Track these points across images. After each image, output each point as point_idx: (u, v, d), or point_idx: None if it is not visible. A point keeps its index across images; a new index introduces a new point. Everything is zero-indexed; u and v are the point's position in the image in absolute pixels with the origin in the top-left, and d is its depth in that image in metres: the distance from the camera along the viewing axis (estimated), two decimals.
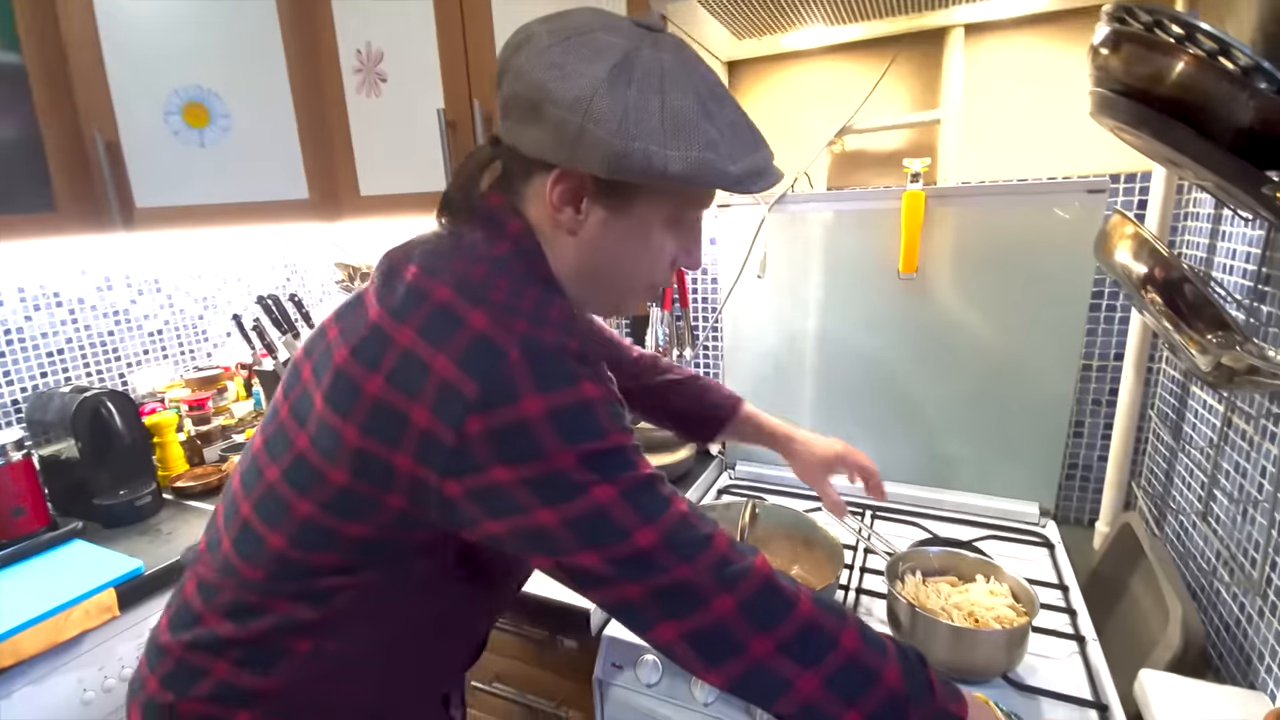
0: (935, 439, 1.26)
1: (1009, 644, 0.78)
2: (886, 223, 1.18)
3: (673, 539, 0.52)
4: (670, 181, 0.53)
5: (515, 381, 0.50)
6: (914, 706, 0.52)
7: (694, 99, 0.53)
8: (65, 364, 1.49)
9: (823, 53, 1.27)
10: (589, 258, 0.60)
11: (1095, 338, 1.17)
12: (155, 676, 0.62)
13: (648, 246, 0.61)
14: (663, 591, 0.52)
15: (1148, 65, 0.64)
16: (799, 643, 0.52)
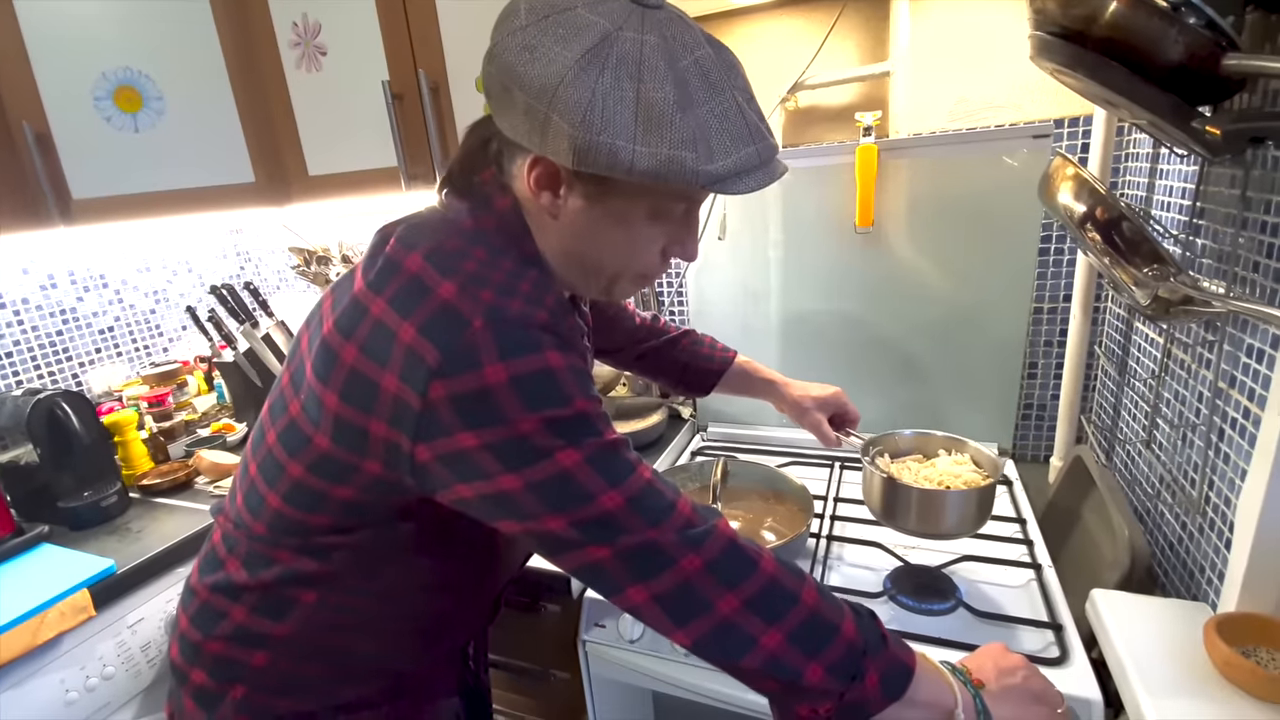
0: (899, 388, 1.29)
1: (976, 502, 0.84)
2: (842, 177, 1.19)
3: (638, 503, 0.53)
4: (638, 179, 0.51)
5: (478, 349, 0.50)
6: (870, 657, 0.54)
7: (673, 89, 0.50)
8: (15, 367, 1.44)
9: (771, 8, 1.26)
10: (571, 242, 0.60)
11: (1045, 281, 1.21)
12: (186, 615, 0.69)
13: (631, 237, 0.60)
14: (631, 553, 0.52)
15: (1082, 6, 0.65)
16: (763, 599, 0.53)
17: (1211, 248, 0.76)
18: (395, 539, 0.62)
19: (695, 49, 0.52)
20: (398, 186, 1.23)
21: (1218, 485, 0.73)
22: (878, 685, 0.53)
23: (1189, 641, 0.66)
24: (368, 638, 0.67)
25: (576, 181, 0.55)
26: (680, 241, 0.62)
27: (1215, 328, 0.73)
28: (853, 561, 0.97)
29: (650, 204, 0.58)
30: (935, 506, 0.84)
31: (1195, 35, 0.60)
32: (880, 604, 0.87)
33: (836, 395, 1.01)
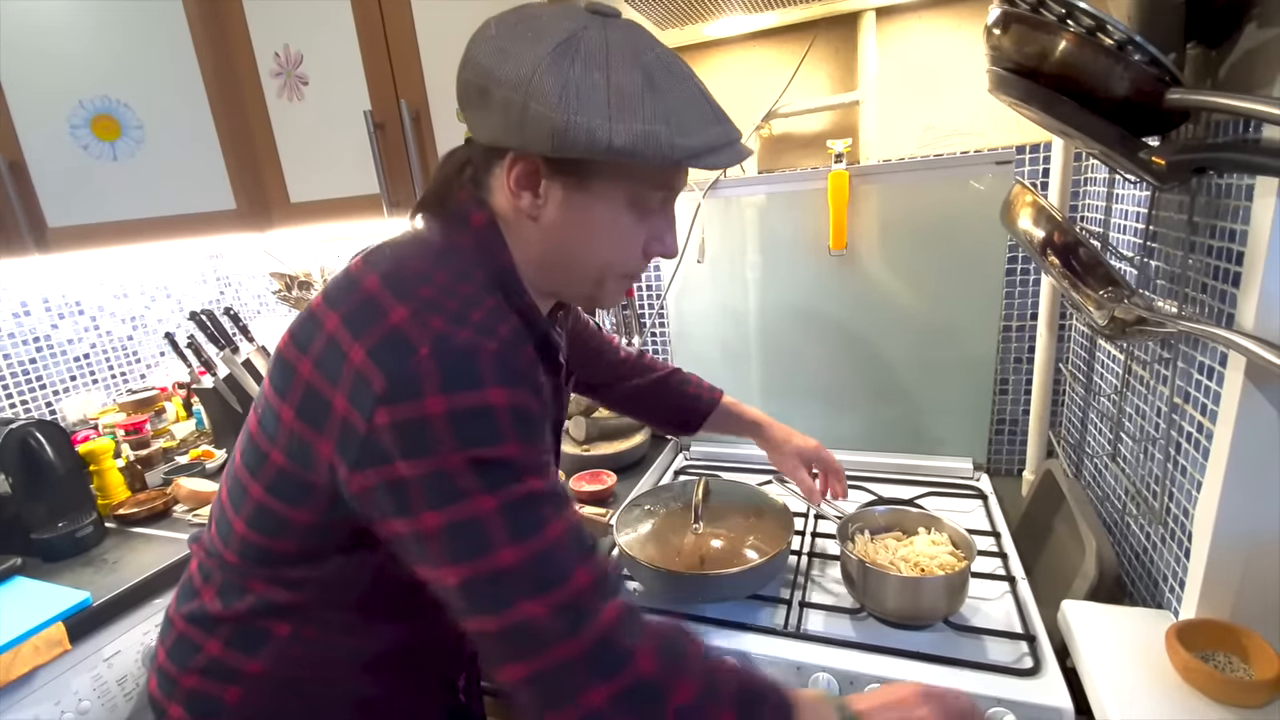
0: (875, 406, 1.32)
1: (950, 588, 0.84)
2: (816, 202, 1.23)
3: (533, 565, 0.50)
4: (616, 156, 0.53)
5: (421, 378, 0.49)
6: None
7: (641, 75, 0.53)
8: None
9: (744, 40, 1.31)
10: (554, 244, 0.61)
11: (1013, 300, 1.25)
12: (163, 646, 0.68)
13: (612, 231, 0.60)
14: (511, 629, 0.50)
15: (1034, 44, 0.69)
16: (630, 698, 0.49)
17: (1164, 269, 0.80)
18: (363, 567, 0.60)
19: (655, 47, 0.56)
20: (379, 213, 1.24)
21: (1177, 497, 0.76)
22: None
23: (1152, 648, 0.69)
24: (344, 671, 0.66)
25: (556, 175, 0.57)
26: (660, 235, 0.63)
27: (1170, 346, 0.77)
28: (835, 578, 0.98)
29: (628, 192, 0.59)
30: (912, 592, 0.85)
31: (1140, 71, 0.64)
32: (860, 620, 0.89)
33: (817, 449, 1.03)
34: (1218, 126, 0.70)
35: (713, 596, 0.95)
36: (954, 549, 0.90)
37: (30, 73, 1.15)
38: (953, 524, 0.92)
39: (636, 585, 1.01)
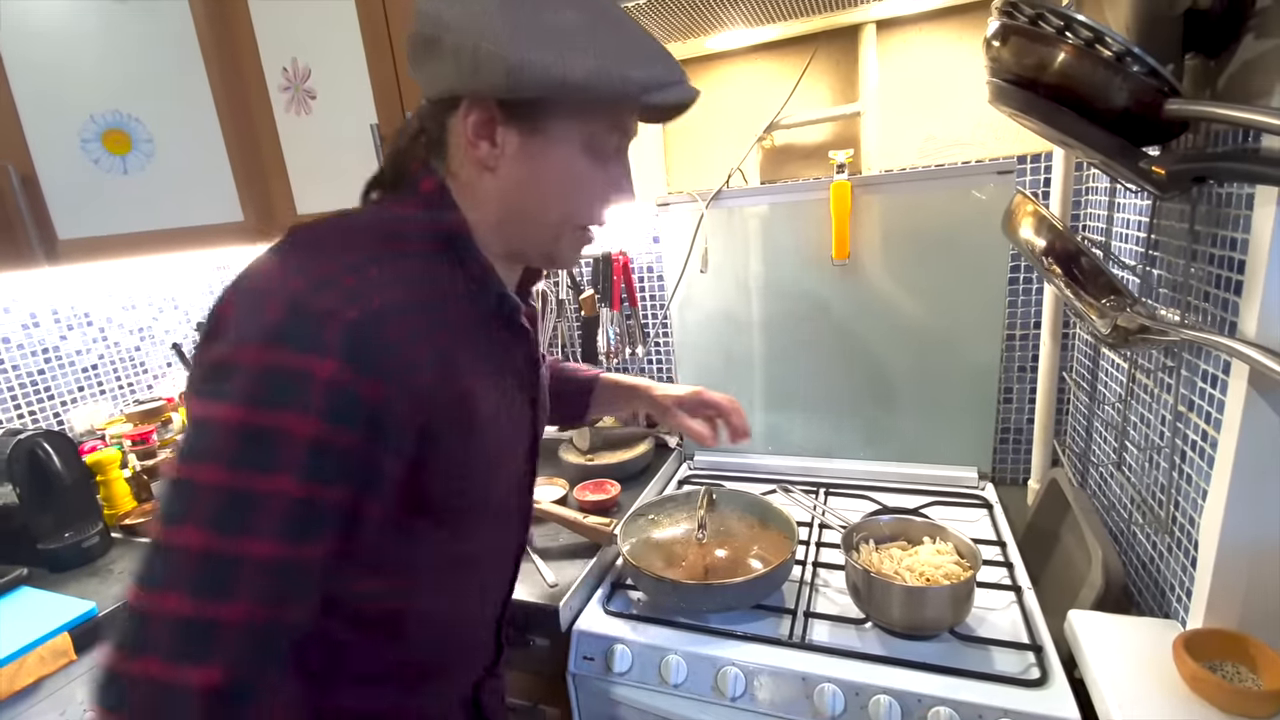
0: (880, 415, 1.32)
1: (955, 597, 0.84)
2: (818, 212, 1.23)
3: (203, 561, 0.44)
4: (573, 92, 0.52)
5: (255, 327, 0.46)
6: None
7: (590, 13, 0.54)
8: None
9: (746, 53, 1.32)
10: (513, 195, 0.59)
11: (1016, 309, 1.25)
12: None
13: (569, 177, 0.59)
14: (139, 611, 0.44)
15: (1033, 56, 0.69)
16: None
17: (1166, 278, 0.80)
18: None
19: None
20: None
21: (1182, 505, 0.76)
22: None
23: (1160, 658, 0.68)
24: (343, 680, 0.61)
25: (511, 120, 0.56)
26: (617, 181, 0.63)
27: (1174, 354, 0.77)
28: (839, 587, 0.98)
29: (584, 135, 0.58)
30: (917, 602, 0.85)
31: (1139, 82, 0.64)
32: (865, 630, 0.89)
33: (696, 392, 0.98)
34: (1217, 136, 0.71)
35: (717, 606, 0.95)
36: (959, 558, 0.90)
37: (42, 87, 1.17)
38: (958, 533, 0.92)
39: (641, 595, 1.01)
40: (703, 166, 1.43)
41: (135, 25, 1.24)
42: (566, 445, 1.48)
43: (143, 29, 1.25)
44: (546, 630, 0.99)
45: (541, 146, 0.58)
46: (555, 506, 1.19)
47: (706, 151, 1.42)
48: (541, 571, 1.05)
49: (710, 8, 1.03)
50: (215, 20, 1.29)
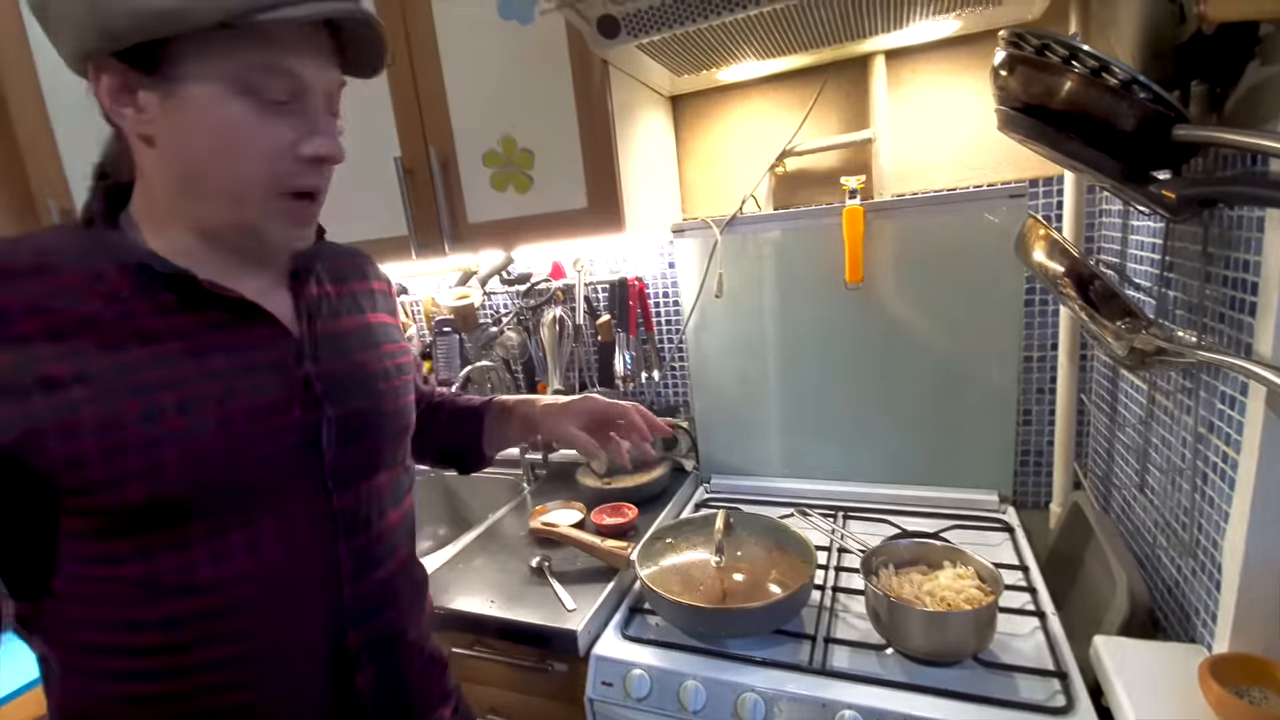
0: (897, 438, 1.32)
1: (977, 623, 0.83)
2: (831, 237, 1.25)
3: None
4: (166, 23, 0.49)
5: None
6: None
7: None
8: None
9: (758, 83, 1.35)
10: (178, 163, 0.55)
11: (1033, 330, 1.25)
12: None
13: (228, 129, 0.53)
14: None
15: (1039, 84, 0.71)
16: None
17: (1182, 299, 0.80)
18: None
19: None
20: (408, 255, 1.28)
21: (1205, 528, 0.75)
22: None
23: (1186, 684, 0.67)
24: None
25: (143, 79, 0.52)
26: (307, 134, 0.56)
27: (1192, 375, 0.77)
28: (859, 612, 0.97)
29: (229, 79, 0.52)
30: (939, 628, 0.84)
31: (1145, 108, 0.65)
32: (886, 656, 0.88)
33: (585, 397, 0.87)
34: (1226, 160, 0.71)
35: (736, 631, 0.94)
36: (981, 583, 0.89)
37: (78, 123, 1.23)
38: (979, 558, 0.92)
39: (659, 620, 1.01)
40: (717, 193, 1.45)
41: None
42: (584, 469, 1.49)
43: None
44: (564, 655, 0.99)
45: (185, 100, 0.53)
46: (572, 530, 1.20)
47: (720, 179, 1.44)
48: (560, 596, 1.06)
49: (722, 43, 1.06)
50: None
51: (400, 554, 0.72)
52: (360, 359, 0.68)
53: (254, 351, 0.59)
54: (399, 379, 0.73)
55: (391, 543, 0.70)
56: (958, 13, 1.04)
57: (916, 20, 1.06)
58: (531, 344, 1.59)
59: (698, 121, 1.43)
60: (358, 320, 0.71)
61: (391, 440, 0.71)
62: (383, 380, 0.70)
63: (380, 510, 0.68)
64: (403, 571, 0.72)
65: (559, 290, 1.52)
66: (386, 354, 0.72)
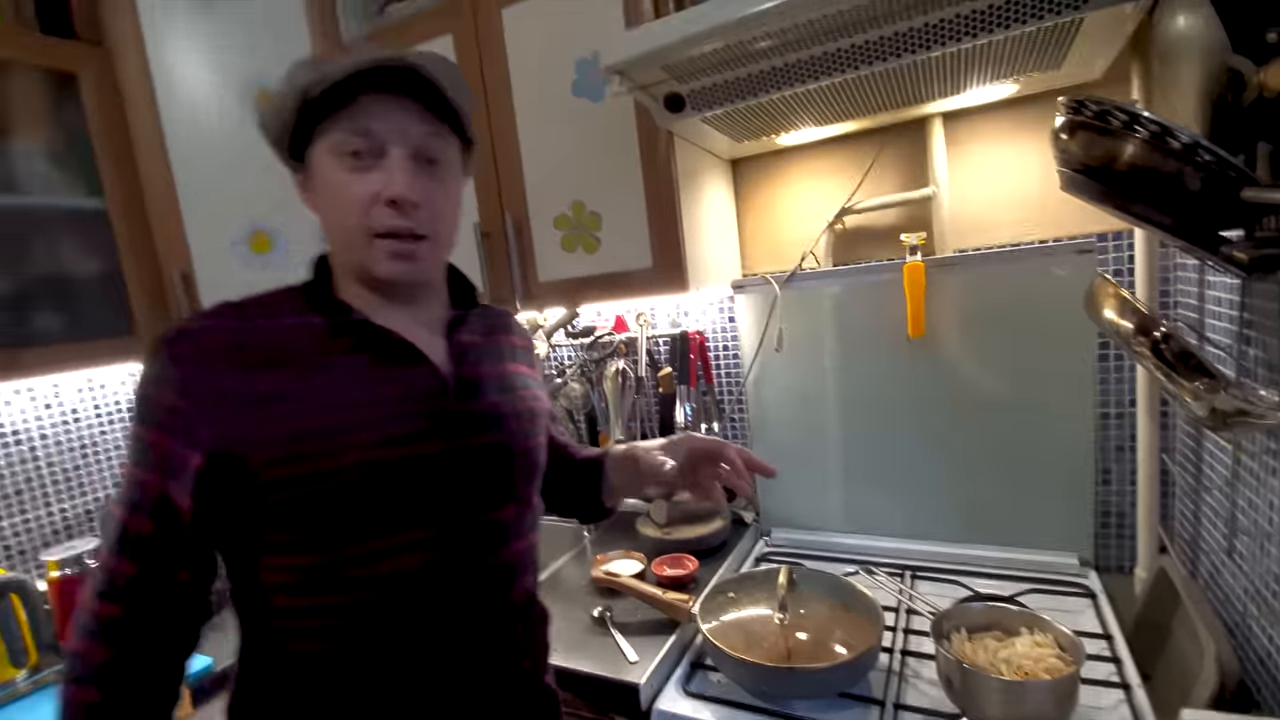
0: (966, 496, 1.29)
1: (1058, 694, 0.79)
2: (892, 291, 1.26)
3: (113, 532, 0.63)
4: (278, 120, 0.67)
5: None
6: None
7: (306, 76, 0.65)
8: None
9: (816, 146, 1.40)
10: (325, 223, 0.69)
11: (1108, 385, 1.21)
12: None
13: (335, 188, 0.66)
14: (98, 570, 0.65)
15: (1101, 148, 0.72)
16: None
17: (1262, 358, 0.78)
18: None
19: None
20: None
21: None
22: None
23: None
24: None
25: (301, 168, 0.69)
26: (385, 184, 0.65)
27: (1278, 436, 0.74)
28: (930, 678, 0.94)
29: (329, 149, 0.66)
30: (1016, 698, 0.80)
31: (1211, 171, 0.66)
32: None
33: (686, 436, 0.86)
34: None
35: (801, 693, 0.93)
36: (1061, 652, 0.86)
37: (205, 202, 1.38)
38: (1059, 625, 0.88)
39: (720, 677, 1.00)
40: (775, 250, 1.49)
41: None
42: (644, 519, 1.51)
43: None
44: (626, 708, 0.99)
45: (313, 176, 0.68)
46: (634, 581, 1.21)
47: (778, 236, 1.48)
48: (621, 647, 1.07)
49: (782, 114, 1.12)
50: None
51: (520, 584, 0.77)
52: (497, 400, 0.76)
53: (409, 386, 0.69)
54: (530, 422, 0.79)
55: (512, 571, 0.76)
56: (1016, 77, 1.07)
57: (974, 85, 1.09)
58: (594, 395, 1.64)
59: (757, 182, 1.48)
60: (499, 368, 0.79)
61: (520, 476, 0.77)
62: (515, 421, 0.77)
63: (505, 539, 0.74)
64: (522, 600, 0.77)
65: (622, 343, 1.57)
66: (520, 399, 0.79)
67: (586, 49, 1.19)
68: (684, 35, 0.89)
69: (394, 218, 0.66)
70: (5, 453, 1.38)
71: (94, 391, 1.54)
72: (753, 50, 0.92)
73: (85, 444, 1.51)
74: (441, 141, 0.69)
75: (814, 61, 0.94)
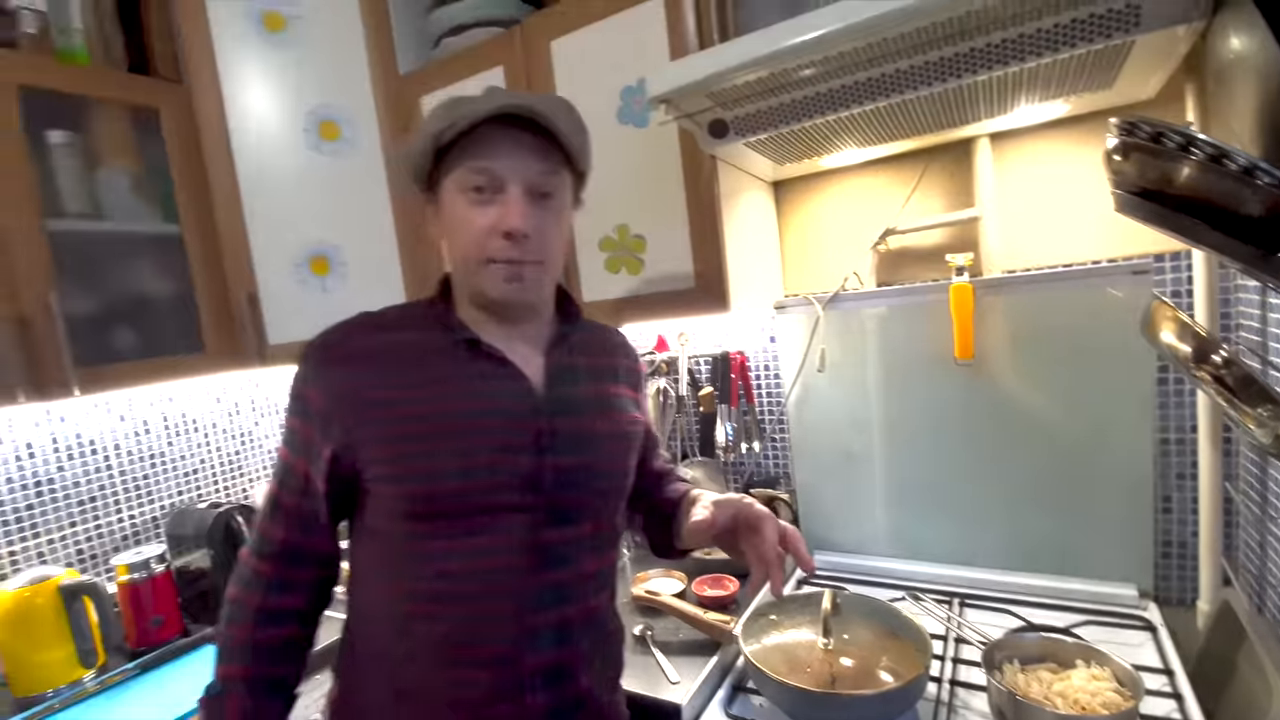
0: (1018, 522, 1.25)
1: None
2: (938, 312, 1.25)
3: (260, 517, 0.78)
4: (415, 160, 0.74)
5: None
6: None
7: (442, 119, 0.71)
8: (199, 483, 1.68)
9: (858, 168, 1.40)
10: (448, 249, 0.76)
11: (1168, 410, 1.17)
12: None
13: (454, 217, 0.73)
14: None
15: (1156, 170, 0.71)
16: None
17: None
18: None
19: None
20: None
21: None
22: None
23: None
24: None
25: (431, 198, 0.77)
26: (500, 215, 0.71)
27: None
28: (980, 710, 0.92)
29: (455, 184, 0.72)
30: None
31: (1271, 193, 0.64)
32: None
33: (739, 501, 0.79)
34: None
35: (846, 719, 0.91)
36: (1119, 686, 0.83)
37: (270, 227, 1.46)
38: (1117, 658, 0.85)
39: (763, 701, 1.00)
40: (817, 270, 1.49)
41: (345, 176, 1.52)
42: None
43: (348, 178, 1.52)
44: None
45: (441, 206, 0.75)
46: (675, 600, 1.22)
47: (820, 256, 1.48)
48: (663, 667, 1.07)
49: (825, 137, 1.13)
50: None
51: (590, 603, 0.78)
52: (588, 421, 0.79)
53: (506, 401, 0.75)
54: (620, 444, 0.82)
55: (583, 589, 0.78)
56: (1066, 97, 1.05)
57: (1023, 105, 1.08)
58: None
59: (799, 203, 1.49)
60: (595, 389, 0.82)
61: (600, 497, 0.80)
62: (606, 443, 0.80)
63: (578, 556, 0.77)
64: (591, 619, 0.79)
65: (663, 362, 1.59)
66: (614, 421, 0.82)
67: (631, 77, 1.22)
68: (729, 65, 0.91)
69: (508, 248, 0.71)
70: (83, 462, 1.47)
71: (163, 404, 1.62)
72: (797, 78, 0.93)
73: (154, 454, 1.60)
74: (555, 177, 0.74)
75: (858, 87, 0.95)
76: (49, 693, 1.19)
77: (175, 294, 1.41)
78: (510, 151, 0.71)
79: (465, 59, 1.41)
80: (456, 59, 1.43)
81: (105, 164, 1.34)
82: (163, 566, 1.37)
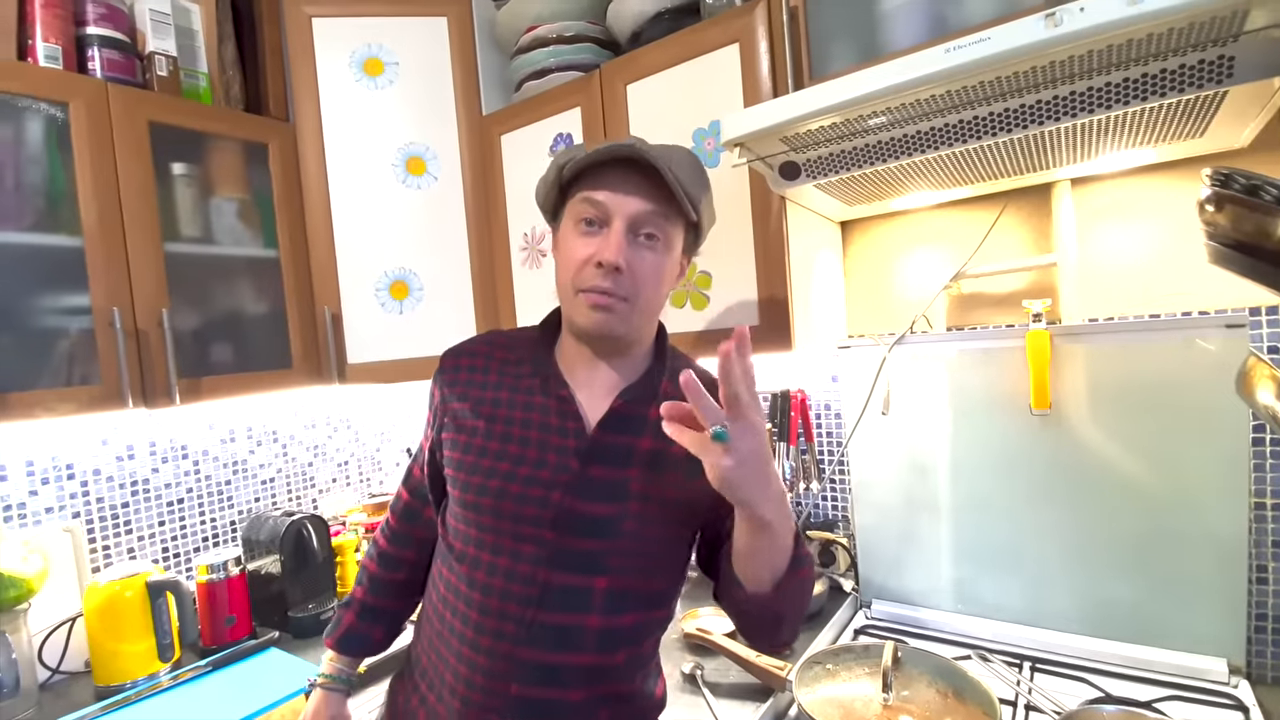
0: (1095, 584, 1.18)
1: None
2: (1012, 360, 1.21)
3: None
4: (542, 193, 0.80)
5: None
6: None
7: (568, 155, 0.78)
8: (274, 490, 1.77)
9: (931, 209, 1.38)
10: (555, 273, 0.81)
11: (1265, 473, 1.09)
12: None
13: (564, 246, 0.78)
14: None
15: (1251, 223, 0.68)
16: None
17: None
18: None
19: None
20: None
21: None
22: None
23: None
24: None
25: (550, 224, 0.84)
26: (600, 248, 0.74)
27: None
28: None
29: (571, 214, 0.77)
30: None
31: None
32: None
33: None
34: None
35: None
36: None
37: (356, 251, 1.56)
38: None
39: None
40: (882, 311, 1.47)
41: (425, 207, 1.61)
42: None
43: (429, 208, 1.61)
44: None
45: (558, 234, 0.81)
46: (728, 640, 1.20)
47: (886, 297, 1.46)
48: (713, 707, 1.05)
49: (897, 179, 1.13)
50: (480, 196, 1.63)
51: (587, 660, 0.74)
52: (625, 476, 0.76)
53: (554, 437, 0.78)
54: (661, 509, 0.76)
55: (584, 640, 0.74)
56: (1155, 144, 1.02)
57: (1107, 152, 1.05)
58: None
59: (865, 244, 1.48)
60: (656, 444, 0.76)
61: (619, 555, 0.75)
62: (640, 501, 0.75)
63: (586, 605, 0.74)
64: (596, 673, 0.75)
65: None
66: (661, 482, 0.76)
67: (703, 119, 1.26)
68: (805, 111, 0.93)
69: (598, 277, 0.74)
70: (175, 465, 1.58)
71: (248, 415, 1.73)
72: (871, 124, 0.94)
73: (237, 461, 1.70)
74: (662, 219, 0.75)
75: (934, 133, 0.95)
76: (128, 684, 1.26)
77: (269, 313, 1.51)
78: (619, 188, 0.74)
79: (544, 100, 1.48)
80: (536, 100, 1.50)
81: (217, 193, 1.46)
82: (239, 569, 1.45)
